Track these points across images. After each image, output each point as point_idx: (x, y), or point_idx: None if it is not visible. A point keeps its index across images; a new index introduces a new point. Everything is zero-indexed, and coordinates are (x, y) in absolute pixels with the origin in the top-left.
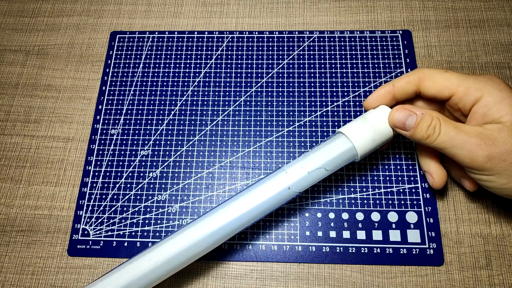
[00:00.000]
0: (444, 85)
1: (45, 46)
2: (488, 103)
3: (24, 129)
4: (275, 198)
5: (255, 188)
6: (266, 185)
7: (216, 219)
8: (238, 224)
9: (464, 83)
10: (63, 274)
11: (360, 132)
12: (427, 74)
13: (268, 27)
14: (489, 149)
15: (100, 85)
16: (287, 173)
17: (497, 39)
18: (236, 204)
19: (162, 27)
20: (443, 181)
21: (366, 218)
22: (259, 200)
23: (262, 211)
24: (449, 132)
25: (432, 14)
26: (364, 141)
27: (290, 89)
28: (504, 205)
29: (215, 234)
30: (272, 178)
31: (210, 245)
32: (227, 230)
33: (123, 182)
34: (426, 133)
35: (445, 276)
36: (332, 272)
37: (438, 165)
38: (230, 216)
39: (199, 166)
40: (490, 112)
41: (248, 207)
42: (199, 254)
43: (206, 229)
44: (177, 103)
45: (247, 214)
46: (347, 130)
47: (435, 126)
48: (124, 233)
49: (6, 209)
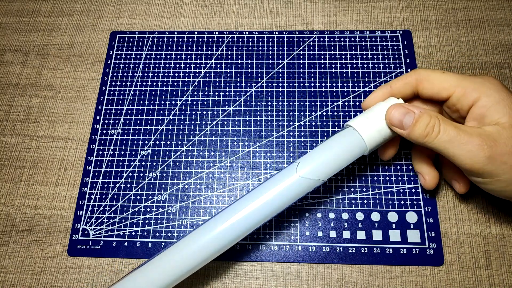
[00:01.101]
0: (442, 86)
1: (45, 46)
2: (486, 104)
3: (24, 129)
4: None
5: (271, 185)
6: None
7: (238, 212)
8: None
9: (462, 84)
10: (63, 274)
11: (369, 125)
12: (424, 75)
13: (268, 27)
14: (491, 150)
15: (100, 85)
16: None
17: (497, 39)
18: (252, 200)
19: (162, 27)
20: (435, 183)
21: (366, 218)
22: (274, 194)
23: (279, 204)
24: (449, 132)
25: (432, 14)
26: (372, 134)
27: (290, 89)
28: (504, 205)
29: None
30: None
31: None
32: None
33: (123, 182)
34: (424, 132)
35: (445, 276)
36: (332, 272)
37: (431, 166)
38: (248, 210)
39: (199, 166)
40: (488, 113)
41: (263, 201)
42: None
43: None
44: (177, 103)
45: (263, 209)
46: (356, 123)
47: (434, 125)
48: (124, 233)
49: (6, 209)
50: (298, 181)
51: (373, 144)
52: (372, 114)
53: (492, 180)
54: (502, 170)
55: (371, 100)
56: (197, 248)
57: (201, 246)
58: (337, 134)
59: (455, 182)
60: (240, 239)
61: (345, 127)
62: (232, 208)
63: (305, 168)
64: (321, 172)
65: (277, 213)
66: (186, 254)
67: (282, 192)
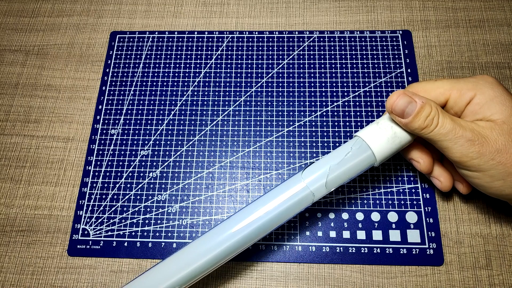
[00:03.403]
0: (438, 92)
1: (45, 46)
2: (480, 101)
3: (24, 129)
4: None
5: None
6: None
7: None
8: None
9: (456, 86)
10: (63, 274)
11: (379, 137)
12: (419, 88)
13: (268, 27)
14: (481, 146)
15: (100, 85)
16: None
17: (497, 39)
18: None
19: (162, 27)
20: (450, 183)
21: (366, 218)
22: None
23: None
24: (446, 125)
25: (432, 14)
26: (382, 147)
27: (290, 89)
28: (504, 205)
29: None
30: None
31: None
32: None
33: (123, 182)
34: (424, 124)
35: (445, 276)
36: (332, 272)
37: (442, 168)
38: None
39: (199, 166)
40: (481, 110)
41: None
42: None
43: None
44: (177, 103)
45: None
46: (365, 135)
47: (433, 118)
48: (124, 233)
49: (6, 209)
50: (307, 193)
51: (383, 157)
52: (382, 124)
53: (479, 174)
54: (489, 165)
55: None
56: (213, 245)
57: (217, 244)
58: (347, 144)
59: (458, 183)
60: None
61: (354, 137)
62: (254, 206)
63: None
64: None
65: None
66: (202, 251)
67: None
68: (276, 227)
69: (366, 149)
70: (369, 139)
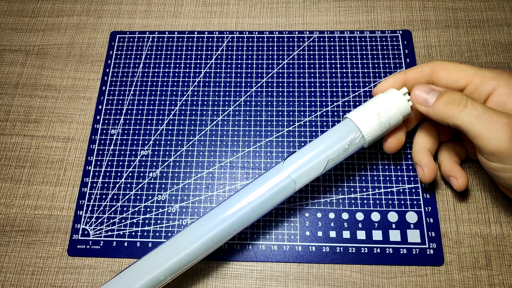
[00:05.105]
0: (460, 74)
1: (45, 46)
2: (506, 91)
3: (24, 129)
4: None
5: (256, 183)
6: (267, 181)
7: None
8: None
9: (479, 73)
10: (63, 274)
11: (368, 117)
12: (441, 64)
13: (268, 27)
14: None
15: (100, 85)
16: (285, 167)
17: (497, 39)
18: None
19: (162, 27)
20: (432, 176)
21: (366, 218)
22: (261, 194)
23: (265, 205)
24: (477, 107)
25: (432, 14)
26: (372, 127)
27: (290, 89)
28: (504, 205)
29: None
30: (272, 174)
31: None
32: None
33: (123, 182)
34: (451, 104)
35: (445, 276)
36: (332, 272)
37: (431, 159)
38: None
39: (199, 166)
40: (509, 100)
41: (249, 201)
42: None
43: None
44: (177, 103)
45: (249, 209)
46: (354, 116)
47: (460, 100)
48: (124, 233)
49: (6, 209)
50: (288, 181)
51: (372, 136)
52: (371, 105)
53: (510, 167)
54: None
55: (383, 86)
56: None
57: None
58: (335, 127)
59: (453, 179)
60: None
61: (343, 119)
62: (240, 194)
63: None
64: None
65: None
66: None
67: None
68: (258, 217)
69: (361, 140)
70: (358, 120)
